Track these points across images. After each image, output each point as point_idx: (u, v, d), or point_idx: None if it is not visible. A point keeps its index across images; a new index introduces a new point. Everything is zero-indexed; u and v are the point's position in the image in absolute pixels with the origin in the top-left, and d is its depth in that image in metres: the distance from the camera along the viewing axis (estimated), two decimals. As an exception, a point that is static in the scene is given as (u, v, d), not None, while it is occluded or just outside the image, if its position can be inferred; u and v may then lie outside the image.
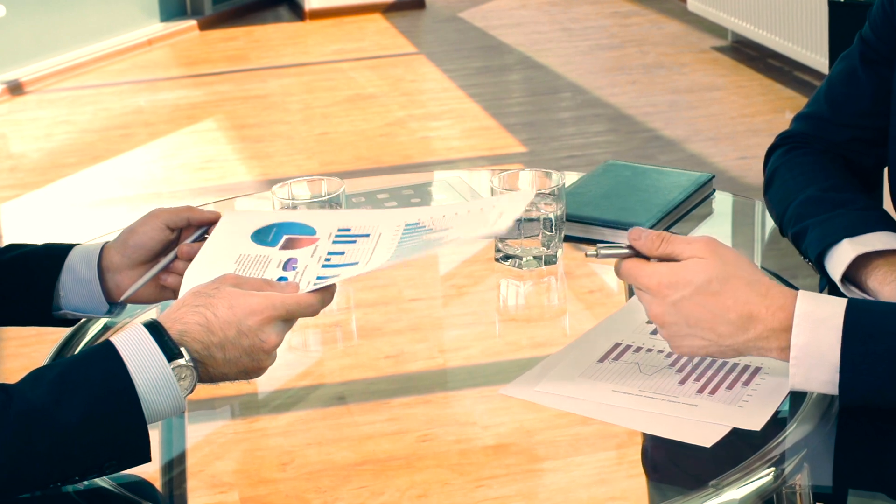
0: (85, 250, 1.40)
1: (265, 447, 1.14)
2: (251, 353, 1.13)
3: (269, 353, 1.14)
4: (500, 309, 1.53)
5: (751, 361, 1.29)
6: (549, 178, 1.58)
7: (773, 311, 1.17)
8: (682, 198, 1.67)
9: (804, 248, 1.44)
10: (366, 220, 1.30)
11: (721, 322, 1.17)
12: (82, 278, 1.38)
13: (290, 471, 1.08)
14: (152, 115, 5.10)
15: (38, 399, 1.05)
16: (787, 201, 1.49)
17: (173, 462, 1.14)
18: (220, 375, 1.13)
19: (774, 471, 1.11)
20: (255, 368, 1.14)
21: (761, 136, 4.35)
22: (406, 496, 1.04)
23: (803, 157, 1.54)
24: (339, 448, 1.11)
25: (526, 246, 1.55)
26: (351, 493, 1.04)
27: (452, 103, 5.02)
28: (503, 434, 1.13)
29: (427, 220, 1.28)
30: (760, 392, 1.24)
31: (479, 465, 1.08)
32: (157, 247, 1.38)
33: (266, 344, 1.13)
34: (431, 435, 1.13)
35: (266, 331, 1.13)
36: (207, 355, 1.11)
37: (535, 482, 1.07)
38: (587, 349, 1.34)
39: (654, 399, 1.24)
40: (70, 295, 1.39)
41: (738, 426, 1.19)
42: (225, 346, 1.12)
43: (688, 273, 1.18)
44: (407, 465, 1.08)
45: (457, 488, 1.05)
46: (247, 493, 1.06)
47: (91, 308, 1.39)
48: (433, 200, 1.79)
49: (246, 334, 1.12)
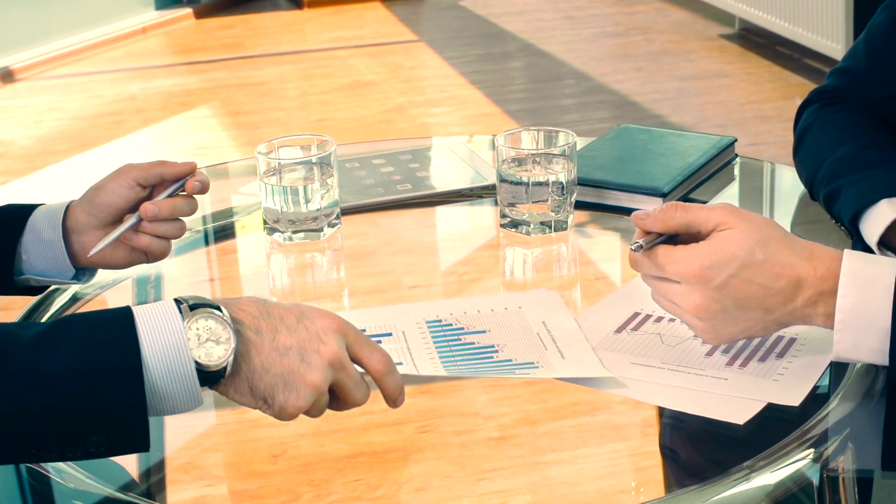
0: (49, 210, 1.29)
1: (255, 438, 1.07)
2: (304, 352, 0.93)
3: (323, 364, 0.93)
4: (505, 281, 1.41)
5: (785, 332, 1.16)
6: (558, 137, 1.45)
7: (820, 272, 1.05)
8: (702, 161, 1.54)
9: (837, 210, 1.33)
10: (374, 318, 1.23)
11: (770, 294, 1.05)
12: (45, 239, 1.26)
13: (281, 463, 1.02)
14: (145, 103, 5.01)
15: (21, 337, 0.88)
16: (820, 160, 1.38)
17: (157, 453, 1.06)
18: (259, 373, 0.92)
19: (814, 452, 1.01)
20: (300, 379, 0.93)
21: (771, 122, 4.27)
22: (404, 489, 0.98)
23: (838, 114, 1.43)
24: (333, 439, 1.05)
25: (534, 211, 1.42)
26: (346, 486, 0.99)
27: (453, 90, 4.94)
28: (506, 425, 1.07)
29: (447, 316, 1.23)
30: (797, 365, 1.12)
31: (481, 457, 1.03)
32: (127, 205, 1.27)
33: (325, 347, 0.93)
34: (431, 426, 1.08)
35: (329, 336, 0.94)
36: (255, 333, 0.92)
37: (539, 475, 1.01)
38: (602, 319, 1.22)
39: (678, 372, 1.12)
40: (33, 258, 1.27)
41: (773, 401, 1.07)
42: (278, 329, 0.93)
43: (730, 247, 1.05)
44: (405, 456, 1.03)
45: (458, 481, 0.99)
46: (236, 487, 1.01)
47: (56, 273, 1.28)
48: (432, 165, 1.67)
49: (307, 328, 0.94)
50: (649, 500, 0.98)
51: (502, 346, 1.18)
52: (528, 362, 1.15)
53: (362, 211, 1.55)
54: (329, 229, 1.46)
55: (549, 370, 1.13)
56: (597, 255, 1.47)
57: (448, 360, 1.16)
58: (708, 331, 1.08)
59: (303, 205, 1.44)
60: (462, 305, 1.28)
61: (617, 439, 1.06)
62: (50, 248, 1.26)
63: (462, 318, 1.24)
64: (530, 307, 1.26)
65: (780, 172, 1.63)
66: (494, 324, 1.23)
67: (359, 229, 1.52)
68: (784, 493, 0.98)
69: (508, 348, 1.18)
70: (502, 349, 1.18)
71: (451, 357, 1.17)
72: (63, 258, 1.27)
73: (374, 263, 1.44)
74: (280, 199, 1.44)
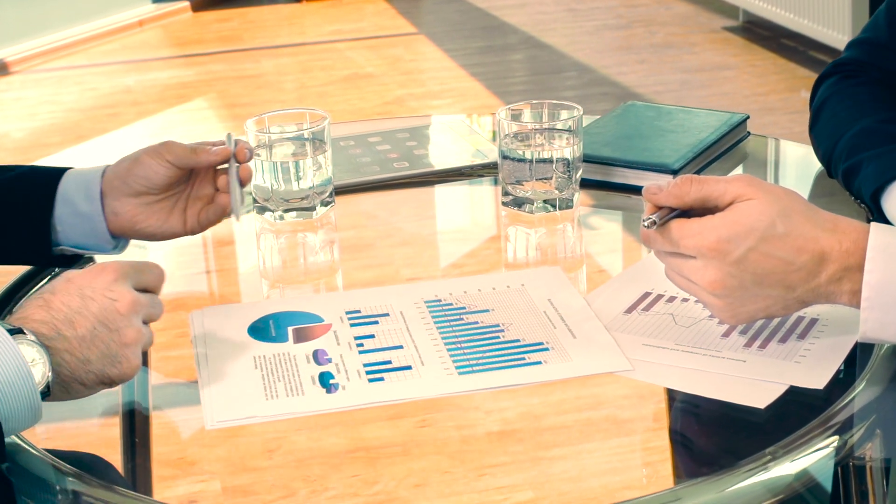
0: (81, 179, 1.24)
1: (249, 433, 1.02)
2: (106, 321, 0.96)
3: (128, 318, 0.97)
4: (507, 262, 1.34)
5: (806, 312, 1.10)
6: (562, 111, 1.38)
7: (845, 246, 0.98)
8: (714, 138, 1.47)
9: (857, 186, 1.26)
10: (370, 299, 1.19)
11: (792, 269, 0.98)
12: (83, 212, 1.23)
13: (276, 458, 0.98)
14: (141, 95, 4.95)
15: None
16: (838, 134, 1.31)
17: (148, 448, 1.03)
18: (83, 364, 0.95)
19: (838, 440, 0.95)
20: (119, 346, 0.97)
21: (777, 114, 4.22)
22: (402, 485, 0.94)
23: (857, 87, 1.37)
24: (329, 434, 1.01)
25: (538, 189, 1.35)
26: (342, 481, 0.95)
27: (453, 82, 4.89)
28: (508, 419, 1.03)
29: (446, 296, 1.19)
30: (820, 346, 1.05)
31: (482, 452, 0.98)
32: (163, 182, 1.24)
33: (119, 303, 0.97)
34: (430, 420, 1.03)
35: (115, 288, 0.98)
36: (56, 336, 0.94)
37: (542, 470, 0.96)
38: (611, 300, 1.16)
39: (693, 354, 1.05)
40: (68, 230, 1.23)
41: (795, 384, 1.01)
42: (73, 319, 0.95)
43: (748, 219, 0.98)
44: (403, 452, 0.98)
45: (458, 477, 0.95)
46: (229, 483, 0.96)
47: (94, 245, 1.25)
48: (430, 142, 1.60)
49: (92, 297, 0.96)
50: (662, 490, 0.93)
51: (508, 325, 1.12)
52: (538, 342, 1.09)
53: (357, 190, 1.49)
54: (322, 208, 1.39)
55: (561, 355, 1.07)
56: (603, 235, 1.40)
57: (452, 343, 1.10)
58: (725, 309, 1.01)
59: (294, 182, 1.38)
60: (461, 285, 1.21)
61: (622, 434, 1.01)
62: (88, 220, 1.23)
63: (463, 298, 1.19)
64: (534, 285, 1.19)
65: (795, 150, 1.57)
66: (497, 302, 1.17)
67: (353, 208, 1.45)
68: (806, 484, 0.93)
69: (515, 327, 1.12)
70: (508, 328, 1.12)
71: (455, 339, 1.11)
72: (103, 231, 1.23)
73: (368, 245, 1.38)
74: (270, 177, 1.38)
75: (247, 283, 1.34)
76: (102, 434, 1.05)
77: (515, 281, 1.21)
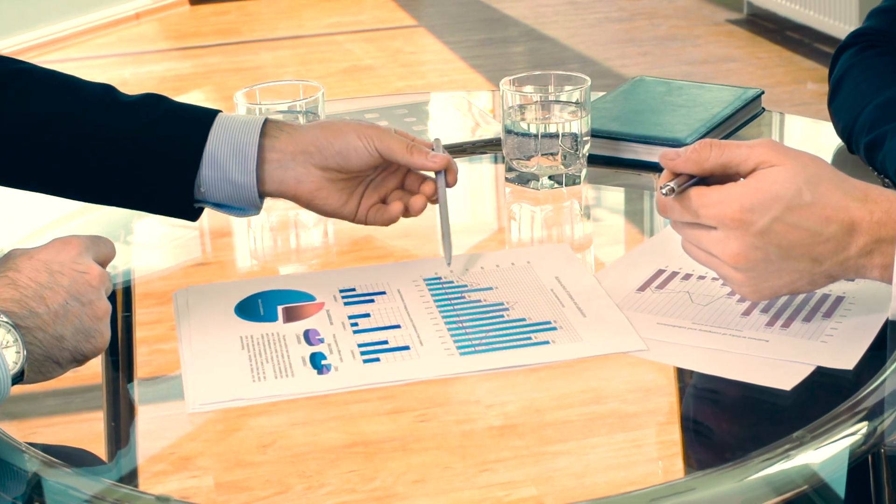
0: (235, 144, 1.14)
1: (243, 427, 0.99)
2: (78, 294, 0.95)
3: (98, 291, 0.96)
4: (512, 240, 1.28)
5: (831, 289, 1.03)
6: (569, 82, 1.31)
7: (876, 216, 0.92)
8: (727, 113, 1.40)
9: (880, 159, 1.21)
10: (365, 277, 1.14)
11: (819, 241, 0.92)
12: (234, 181, 1.14)
13: (271, 453, 0.95)
14: (136, 87, 4.88)
15: None
16: (860, 107, 1.25)
17: (138, 443, 1.00)
18: (56, 341, 0.93)
19: (867, 426, 0.90)
20: (92, 319, 0.95)
21: (783, 106, 4.16)
22: (401, 481, 0.91)
23: (879, 58, 1.31)
24: (326, 428, 0.97)
25: (543, 164, 1.29)
26: (339, 477, 0.91)
27: (454, 74, 4.84)
28: (510, 413, 0.99)
29: (447, 273, 1.13)
30: (847, 325, 0.99)
31: (483, 447, 0.95)
32: (357, 167, 1.15)
33: (89, 276, 0.96)
34: (430, 414, 1.00)
35: (81, 261, 0.97)
36: (28, 314, 0.91)
37: (545, 466, 0.93)
38: (622, 277, 1.09)
39: (712, 333, 0.99)
40: (214, 192, 1.15)
41: (823, 365, 0.95)
42: (43, 295, 0.93)
43: (773, 186, 0.92)
44: (402, 447, 0.95)
45: (458, 473, 0.92)
46: (222, 478, 0.93)
47: (238, 208, 1.17)
48: (430, 119, 1.53)
49: (61, 271, 0.95)
50: (678, 479, 0.88)
51: (513, 303, 1.06)
52: (545, 321, 1.03)
53: (353, 167, 1.42)
54: (316, 185, 1.32)
55: (570, 334, 1.01)
56: (611, 212, 1.35)
57: (453, 323, 1.05)
58: (747, 284, 0.94)
59: (286, 157, 1.31)
60: (463, 261, 1.15)
61: (627, 429, 0.97)
62: (239, 189, 1.14)
63: (464, 276, 1.13)
64: (540, 262, 1.13)
65: (812, 126, 1.51)
66: (501, 280, 1.11)
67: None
68: (832, 473, 0.87)
69: (520, 306, 1.06)
70: (513, 307, 1.05)
71: (456, 318, 1.05)
72: (253, 198, 1.15)
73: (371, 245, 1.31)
74: (261, 151, 1.31)
75: (235, 261, 1.28)
76: (88, 429, 1.02)
77: (521, 258, 1.15)
